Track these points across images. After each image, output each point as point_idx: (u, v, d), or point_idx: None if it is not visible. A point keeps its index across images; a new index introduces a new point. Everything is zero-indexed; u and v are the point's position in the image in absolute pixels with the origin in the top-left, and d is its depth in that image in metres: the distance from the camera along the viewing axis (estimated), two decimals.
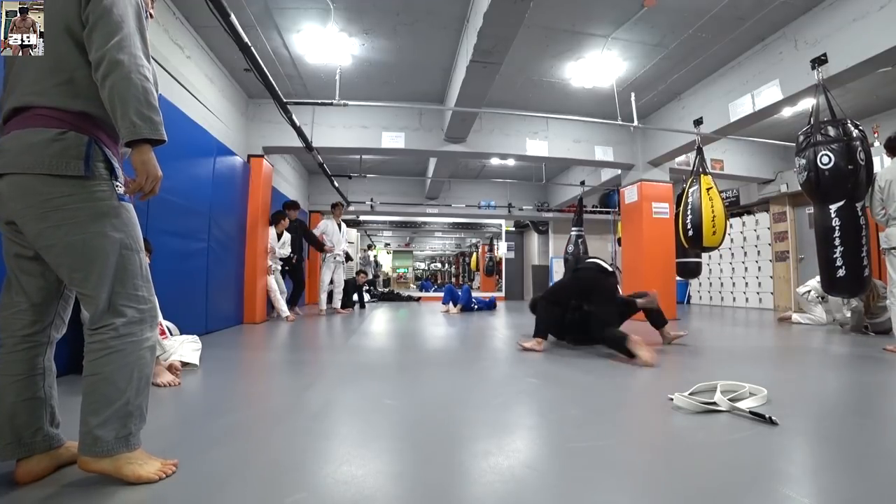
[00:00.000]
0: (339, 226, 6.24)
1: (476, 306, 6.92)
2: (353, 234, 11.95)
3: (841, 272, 3.04)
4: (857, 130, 2.99)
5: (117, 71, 0.97)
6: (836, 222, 3.04)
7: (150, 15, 1.25)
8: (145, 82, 1.01)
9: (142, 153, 1.03)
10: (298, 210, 5.70)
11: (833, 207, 3.05)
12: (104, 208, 1.03)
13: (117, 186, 1.06)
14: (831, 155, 2.99)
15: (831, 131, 3.03)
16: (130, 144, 1.02)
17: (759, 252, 7.55)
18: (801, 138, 3.19)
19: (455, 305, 6.68)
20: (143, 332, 1.09)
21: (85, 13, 1.00)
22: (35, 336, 1.08)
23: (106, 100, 1.00)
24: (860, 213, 3.03)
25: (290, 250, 5.58)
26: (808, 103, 3.75)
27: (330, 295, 6.28)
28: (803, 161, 3.13)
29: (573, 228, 7.62)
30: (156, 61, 3.18)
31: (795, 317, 4.92)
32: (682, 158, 5.99)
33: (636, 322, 3.48)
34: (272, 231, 5.24)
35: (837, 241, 3.04)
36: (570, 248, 7.59)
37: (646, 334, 2.99)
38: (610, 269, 3.31)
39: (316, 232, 6.07)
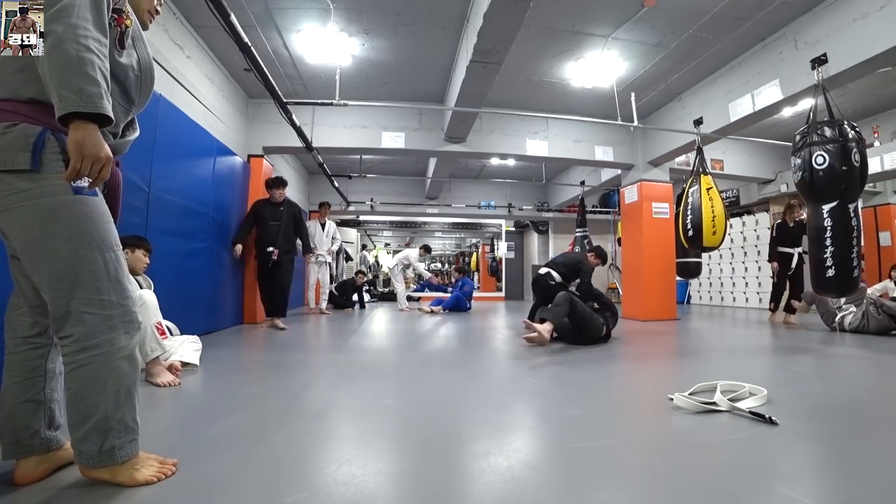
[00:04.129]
0: (323, 225, 6.06)
1: (469, 306, 6.91)
2: (353, 234, 11.95)
3: (830, 272, 3.04)
4: (853, 132, 3.00)
5: (49, 41, 0.87)
6: (828, 223, 3.04)
7: (156, 10, 1.20)
8: (83, 52, 0.88)
9: (76, 131, 0.88)
10: (285, 187, 4.50)
11: (826, 208, 3.05)
12: (53, 205, 0.94)
13: (74, 180, 0.96)
14: (826, 155, 2.99)
15: (828, 132, 3.03)
16: (65, 123, 0.89)
17: (759, 252, 7.55)
18: (798, 138, 3.20)
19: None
20: (115, 342, 0.99)
21: None
22: (36, 338, 1.07)
23: (42, 77, 0.90)
24: (853, 215, 3.03)
25: (332, 244, 6.02)
26: (808, 103, 3.75)
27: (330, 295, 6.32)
28: (798, 161, 3.14)
29: (578, 229, 7.60)
30: (156, 61, 3.18)
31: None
32: (682, 158, 5.99)
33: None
34: (315, 224, 5.75)
35: (829, 242, 3.04)
36: (577, 249, 7.55)
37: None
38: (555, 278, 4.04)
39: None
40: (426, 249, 7.13)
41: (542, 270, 4.15)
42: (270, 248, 4.25)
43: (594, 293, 3.74)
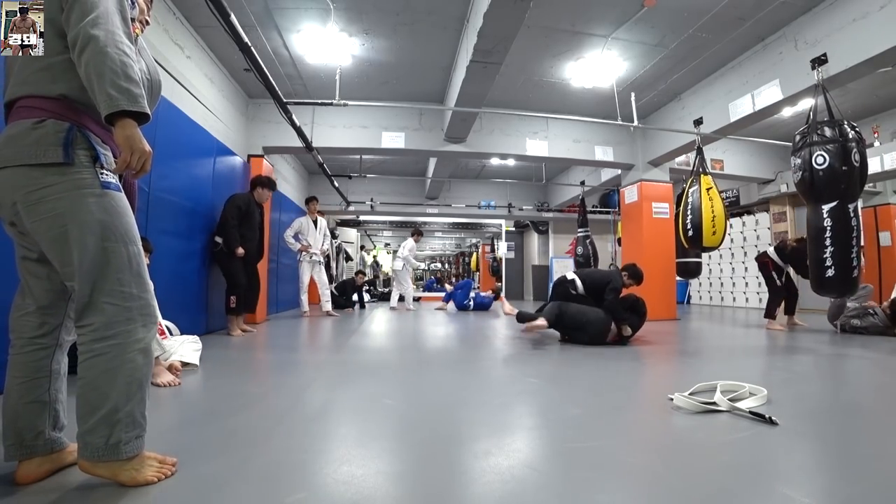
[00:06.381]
0: (316, 223, 5.78)
1: (472, 304, 6.92)
2: (353, 234, 11.95)
3: (830, 272, 3.04)
4: (853, 132, 3.00)
5: (91, 45, 0.93)
6: (827, 223, 3.04)
7: (146, 21, 1.23)
8: (123, 56, 0.95)
9: (124, 128, 0.96)
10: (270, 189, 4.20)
11: (826, 208, 3.05)
12: (83, 198, 0.98)
13: (102, 174, 1.01)
14: (826, 155, 2.99)
15: (828, 132, 3.04)
16: (111, 121, 0.96)
17: (759, 252, 7.55)
18: (798, 138, 3.20)
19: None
20: (132, 334, 1.01)
21: None
22: (42, 339, 1.07)
23: (83, 78, 0.95)
24: (853, 215, 3.03)
25: (323, 243, 5.86)
26: (808, 103, 3.75)
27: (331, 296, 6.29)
28: (798, 161, 3.14)
29: (579, 230, 7.53)
30: (156, 61, 3.18)
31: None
32: (682, 158, 5.99)
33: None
34: (308, 221, 5.66)
35: (828, 242, 3.04)
36: (580, 249, 7.43)
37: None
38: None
39: (290, 232, 5.63)
40: (419, 234, 7.14)
41: (569, 276, 3.91)
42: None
43: (621, 307, 3.45)
